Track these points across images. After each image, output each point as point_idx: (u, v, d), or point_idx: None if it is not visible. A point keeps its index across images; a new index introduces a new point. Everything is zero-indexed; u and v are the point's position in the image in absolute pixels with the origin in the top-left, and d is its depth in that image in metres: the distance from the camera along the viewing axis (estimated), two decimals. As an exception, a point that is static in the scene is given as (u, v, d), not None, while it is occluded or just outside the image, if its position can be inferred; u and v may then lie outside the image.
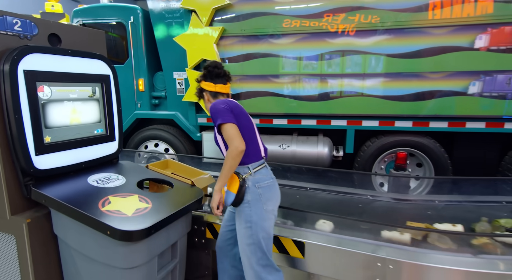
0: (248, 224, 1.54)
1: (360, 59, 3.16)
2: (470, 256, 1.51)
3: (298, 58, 3.32)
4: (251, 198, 1.54)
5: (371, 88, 3.19)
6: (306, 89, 3.37)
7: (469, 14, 2.80)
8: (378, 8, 3.01)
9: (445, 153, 3.25)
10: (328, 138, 3.58)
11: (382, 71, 3.12)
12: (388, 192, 2.56)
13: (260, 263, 1.54)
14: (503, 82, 2.83)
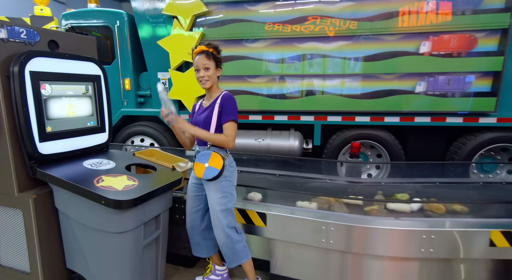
0: (225, 194, 1.89)
1: (324, 62, 3.57)
2: (384, 217, 1.93)
3: (271, 61, 3.70)
4: (227, 174, 1.89)
5: (334, 87, 3.60)
6: (278, 88, 3.75)
7: (415, 24, 3.25)
8: (340, 17, 3.42)
9: (399, 144, 3.71)
10: (299, 132, 3.98)
11: (344, 73, 3.54)
12: (344, 176, 2.98)
13: (230, 225, 1.90)
14: (443, 82, 3.30)
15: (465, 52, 3.20)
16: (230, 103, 1.86)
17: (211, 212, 1.94)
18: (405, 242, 1.86)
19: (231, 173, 1.93)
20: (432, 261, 1.88)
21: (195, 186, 2.05)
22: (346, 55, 3.51)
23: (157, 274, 2.16)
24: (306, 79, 3.66)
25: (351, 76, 3.53)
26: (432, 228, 1.82)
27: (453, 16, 3.16)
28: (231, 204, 1.92)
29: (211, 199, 1.92)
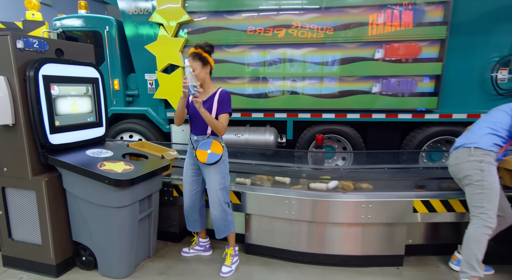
0: (223, 175, 2.29)
1: (295, 65, 4.05)
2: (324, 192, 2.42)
3: (247, 64, 4.15)
4: (224, 157, 2.30)
5: (304, 88, 4.10)
6: (255, 89, 4.21)
7: (370, 34, 3.79)
8: (308, 26, 3.91)
9: (361, 138, 4.25)
10: (274, 128, 4.46)
11: (312, 75, 4.04)
12: (310, 164, 3.47)
13: (225, 201, 2.33)
14: (394, 84, 3.86)
15: (411, 59, 3.76)
16: (228, 98, 2.27)
17: (210, 191, 2.31)
18: (349, 211, 2.35)
19: (226, 157, 2.35)
20: (371, 226, 2.38)
21: (192, 171, 2.41)
22: (313, 60, 4.00)
23: (150, 245, 2.58)
24: (280, 81, 4.13)
25: (318, 78, 4.03)
26: (369, 199, 2.33)
27: (401, 28, 3.71)
28: (228, 182, 2.35)
29: (211, 180, 2.28)
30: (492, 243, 2.43)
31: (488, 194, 2.02)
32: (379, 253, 2.44)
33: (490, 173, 2.04)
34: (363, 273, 2.38)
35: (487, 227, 2.00)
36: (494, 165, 2.07)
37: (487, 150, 2.06)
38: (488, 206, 2.02)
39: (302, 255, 2.50)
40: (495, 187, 2.04)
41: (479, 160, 2.06)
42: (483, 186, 2.04)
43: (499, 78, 3.73)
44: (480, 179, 2.04)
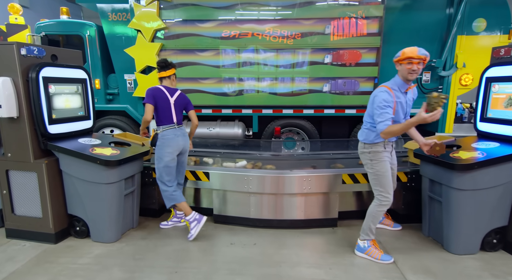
0: (157, 157, 2.83)
1: (259, 68, 4.68)
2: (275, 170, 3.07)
3: (218, 66, 4.73)
4: (160, 143, 2.80)
5: (266, 87, 4.74)
6: (224, 88, 4.79)
7: (321, 42, 4.49)
8: (269, 34, 4.55)
9: (316, 130, 4.96)
10: (242, 122, 5.07)
11: (273, 76, 4.69)
12: (269, 151, 4.13)
13: (160, 179, 2.87)
14: (341, 84, 4.59)
15: (354, 63, 4.51)
16: (145, 93, 2.80)
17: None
18: (295, 184, 3.00)
19: (161, 143, 2.79)
20: (311, 195, 3.05)
21: None
22: (274, 63, 4.65)
23: (133, 218, 3.11)
24: (246, 81, 4.74)
25: (278, 79, 4.68)
26: (309, 174, 3.00)
27: (346, 37, 4.44)
28: (161, 165, 2.82)
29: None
30: (403, 207, 3.20)
31: (379, 179, 2.43)
32: (319, 217, 3.12)
33: (378, 161, 2.41)
34: (306, 233, 3.05)
35: (382, 205, 2.45)
36: (383, 152, 2.41)
37: (372, 144, 2.44)
38: (381, 188, 2.44)
39: (259, 221, 3.13)
40: (383, 172, 2.40)
41: (368, 151, 2.46)
42: (374, 173, 2.44)
43: (423, 79, 4.56)
44: (371, 167, 2.45)
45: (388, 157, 2.48)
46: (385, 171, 2.43)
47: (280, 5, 4.47)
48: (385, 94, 2.28)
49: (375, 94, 2.35)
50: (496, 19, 4.25)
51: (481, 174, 2.39)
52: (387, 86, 2.34)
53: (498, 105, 2.70)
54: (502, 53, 2.76)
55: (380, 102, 2.25)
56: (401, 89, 2.37)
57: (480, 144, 2.71)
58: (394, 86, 2.35)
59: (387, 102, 2.24)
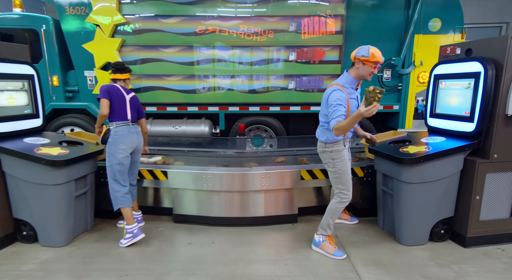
0: (109, 155, 2.72)
1: (224, 65, 4.64)
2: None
3: (183, 63, 4.64)
4: (111, 140, 2.70)
5: (233, 84, 4.71)
6: (189, 85, 4.71)
7: (286, 39, 4.51)
8: (234, 31, 4.51)
9: (283, 127, 4.99)
10: (209, 120, 5.01)
11: (239, 74, 4.66)
12: (234, 149, 4.11)
13: (112, 178, 2.75)
14: (306, 81, 4.64)
15: (318, 61, 4.57)
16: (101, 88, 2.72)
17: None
18: (254, 181, 2.99)
19: (113, 140, 2.68)
20: (271, 192, 3.06)
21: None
22: (240, 60, 4.63)
23: (87, 220, 2.99)
24: (212, 78, 4.69)
25: (244, 76, 4.66)
26: (268, 171, 3.00)
27: (310, 35, 4.48)
28: (113, 162, 2.68)
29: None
30: (361, 201, 3.28)
31: (340, 178, 2.44)
32: (279, 213, 3.13)
33: (339, 160, 2.42)
34: (266, 229, 3.05)
35: (343, 202, 2.48)
36: (343, 150, 2.43)
37: (333, 143, 2.43)
38: (342, 186, 2.46)
39: (219, 219, 3.10)
40: (345, 171, 2.43)
41: (330, 150, 2.45)
42: (335, 171, 2.44)
43: (384, 77, 4.70)
44: (333, 166, 2.45)
45: (347, 155, 2.51)
46: (346, 169, 2.46)
47: (244, 2, 4.44)
48: (338, 92, 2.28)
49: (328, 93, 2.36)
50: (450, 20, 4.45)
51: (428, 167, 2.49)
52: (339, 84, 2.36)
53: (445, 102, 2.82)
54: (448, 51, 2.88)
55: (334, 101, 2.25)
56: (352, 86, 2.40)
57: (429, 139, 2.82)
58: (346, 84, 2.37)
59: (340, 100, 2.25)
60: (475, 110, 2.50)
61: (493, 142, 2.47)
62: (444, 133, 2.83)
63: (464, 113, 2.61)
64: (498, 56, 2.40)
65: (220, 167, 3.17)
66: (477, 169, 2.50)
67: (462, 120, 2.63)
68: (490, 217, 2.61)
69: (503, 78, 2.38)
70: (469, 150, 2.57)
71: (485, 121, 2.47)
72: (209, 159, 3.69)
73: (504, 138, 2.48)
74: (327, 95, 2.36)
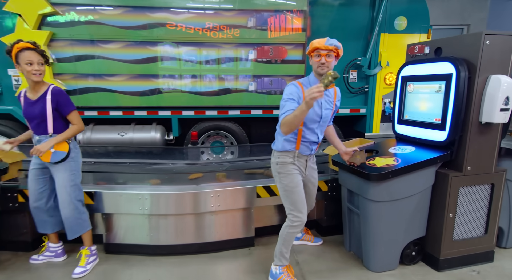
0: (74, 172, 2.26)
1: (176, 63, 4.11)
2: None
3: (127, 61, 4.05)
4: (73, 155, 2.26)
5: (187, 85, 4.19)
6: (136, 86, 4.13)
7: (242, 35, 4.07)
8: (186, 25, 4.00)
9: (244, 133, 4.55)
10: (161, 126, 4.45)
11: (194, 73, 4.15)
12: (185, 160, 3.61)
13: (78, 199, 2.28)
14: (267, 83, 4.24)
15: (280, 60, 4.18)
16: (65, 97, 2.23)
17: (59, 189, 2.25)
18: (200, 202, 2.52)
19: (76, 155, 2.31)
20: (221, 213, 2.60)
21: (38, 170, 2.31)
22: (195, 59, 4.12)
23: (-14, 258, 2.35)
24: (162, 78, 4.14)
25: (199, 77, 4.17)
26: (218, 189, 2.54)
27: (270, 32, 4.08)
28: (79, 180, 2.32)
29: (60, 178, 2.23)
30: (325, 218, 2.92)
31: (288, 196, 2.05)
32: (232, 237, 2.69)
33: (286, 174, 2.03)
34: (217, 257, 2.59)
35: (294, 226, 2.05)
36: (291, 164, 2.04)
37: (280, 151, 2.06)
38: (291, 206, 2.05)
39: (160, 248, 2.59)
40: (292, 188, 2.02)
41: (275, 162, 2.08)
42: (283, 188, 2.06)
43: (350, 78, 4.42)
44: (279, 181, 2.07)
45: (298, 171, 2.10)
46: (294, 186, 2.06)
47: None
48: (290, 87, 1.98)
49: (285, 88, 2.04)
50: (416, 18, 4.25)
51: (397, 183, 2.16)
52: (298, 81, 2.04)
53: (414, 107, 2.52)
54: (416, 51, 2.59)
55: (284, 96, 1.96)
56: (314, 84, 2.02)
57: (397, 148, 2.50)
58: (306, 82, 2.04)
59: (292, 94, 1.92)
60: (447, 117, 2.21)
61: (466, 153, 2.19)
62: (413, 142, 2.53)
63: (435, 120, 2.32)
64: (471, 56, 2.12)
65: (163, 184, 2.66)
66: (450, 183, 2.21)
67: (432, 127, 2.34)
68: (464, 236, 2.34)
69: (477, 80, 2.10)
70: (441, 162, 2.27)
71: (458, 130, 2.18)
72: (153, 173, 3.16)
73: (478, 148, 2.20)
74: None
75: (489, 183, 2.30)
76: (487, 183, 2.30)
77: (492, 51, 2.07)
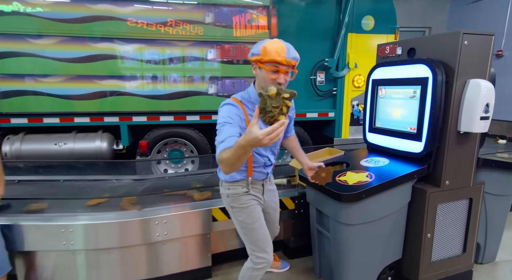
0: None
1: (123, 62, 3.59)
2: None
3: (64, 59, 3.46)
4: None
5: (138, 88, 3.68)
6: (75, 89, 3.55)
7: (200, 32, 3.65)
8: (135, 20, 3.50)
9: (206, 140, 4.13)
10: (108, 134, 3.89)
11: (145, 74, 3.66)
12: (133, 175, 3.12)
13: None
14: (229, 85, 3.86)
15: (242, 60, 3.82)
16: None
17: None
18: (142, 231, 2.08)
19: None
20: (170, 242, 2.18)
21: None
22: (145, 57, 3.63)
23: None
24: (107, 79, 3.59)
25: (152, 78, 3.68)
26: (164, 214, 2.11)
27: (231, 29, 3.70)
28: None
29: None
30: (293, 238, 2.59)
31: (247, 234, 1.69)
32: (185, 269, 2.28)
33: (240, 209, 1.67)
34: (166, 295, 2.17)
35: (257, 268, 1.71)
36: (245, 195, 1.67)
37: (230, 182, 1.67)
38: (253, 246, 1.70)
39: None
40: (250, 224, 1.67)
41: (226, 194, 1.69)
42: (239, 225, 1.71)
43: (318, 80, 4.16)
44: (234, 217, 1.72)
45: (256, 201, 1.73)
46: (253, 222, 1.68)
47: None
48: (227, 107, 1.53)
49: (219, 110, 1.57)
50: (383, 19, 4.09)
51: (371, 203, 1.87)
52: (235, 98, 1.60)
53: (386, 114, 2.27)
54: (387, 51, 2.34)
55: (219, 119, 1.49)
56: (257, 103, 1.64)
57: (369, 160, 2.23)
58: (246, 97, 1.60)
59: (231, 117, 1.46)
60: (423, 126, 1.96)
61: (444, 166, 1.96)
62: (386, 152, 2.28)
63: (409, 128, 2.07)
64: (448, 58, 1.89)
65: (98, 211, 2.18)
66: (428, 200, 1.97)
67: (407, 137, 2.09)
68: (443, 256, 2.12)
69: (455, 85, 1.88)
70: (418, 177, 2.03)
71: (435, 140, 1.94)
72: (91, 193, 2.66)
73: (456, 160, 1.99)
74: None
75: (467, 198, 2.10)
76: (465, 197, 2.10)
77: (470, 52, 1.85)
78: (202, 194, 2.45)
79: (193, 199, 2.37)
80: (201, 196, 2.42)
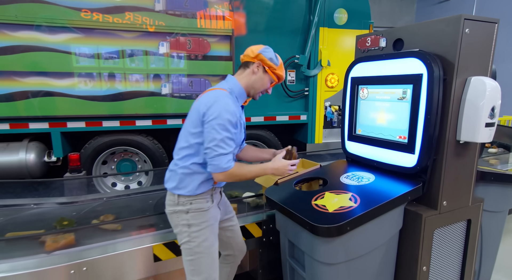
0: None
1: (52, 56, 2.93)
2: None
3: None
4: None
5: (73, 87, 3.03)
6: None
7: (148, 21, 3.08)
8: (68, 6, 2.86)
9: (160, 148, 3.55)
10: (37, 143, 3.20)
11: (78, 71, 3.02)
12: (59, 197, 2.49)
13: None
14: (187, 84, 3.32)
15: (201, 56, 3.29)
16: None
17: None
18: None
19: None
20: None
21: None
22: (83, 51, 2.99)
23: None
24: (30, 77, 2.91)
25: (86, 75, 3.04)
26: (80, 259, 1.55)
27: (187, 19, 3.17)
28: None
29: None
30: (261, 271, 2.13)
31: (198, 263, 1.43)
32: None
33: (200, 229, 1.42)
34: None
35: None
36: (210, 210, 1.46)
37: (194, 197, 1.43)
38: (201, 277, 1.43)
39: None
40: (206, 249, 1.43)
41: (185, 210, 1.42)
42: (192, 250, 1.43)
43: (288, 80, 3.75)
44: (188, 241, 1.43)
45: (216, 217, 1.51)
46: (210, 245, 1.45)
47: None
48: (232, 106, 1.37)
49: (209, 100, 1.36)
50: (356, 12, 3.77)
51: (356, 235, 1.46)
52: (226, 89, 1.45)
53: (369, 119, 1.88)
54: (368, 44, 1.95)
55: (224, 119, 1.33)
56: (239, 101, 1.55)
57: (351, 176, 1.83)
58: (232, 96, 1.47)
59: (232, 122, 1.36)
60: (416, 134, 1.58)
61: (442, 184, 1.59)
62: (370, 165, 1.88)
63: (398, 137, 1.69)
64: (445, 50, 1.52)
65: None
66: (424, 226, 1.59)
67: (396, 148, 1.70)
68: (438, 291, 1.76)
69: (454, 83, 1.51)
70: (411, 199, 1.65)
71: (431, 152, 1.57)
72: None
73: (455, 175, 1.63)
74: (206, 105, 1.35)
75: (465, 219, 1.76)
76: (463, 219, 1.76)
77: (472, 43, 1.50)
78: (60, 237, 1.66)
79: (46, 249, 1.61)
80: (57, 242, 1.62)
